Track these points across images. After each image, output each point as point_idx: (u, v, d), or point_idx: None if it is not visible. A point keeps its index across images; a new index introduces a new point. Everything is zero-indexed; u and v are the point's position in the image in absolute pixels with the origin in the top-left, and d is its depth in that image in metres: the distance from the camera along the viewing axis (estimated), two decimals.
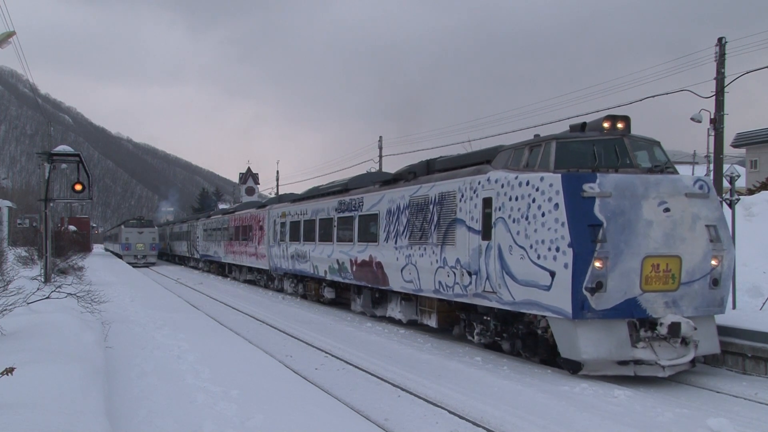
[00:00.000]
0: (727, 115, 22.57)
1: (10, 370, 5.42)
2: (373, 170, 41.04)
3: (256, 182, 72.07)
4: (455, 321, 14.27)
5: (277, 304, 22.75)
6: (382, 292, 16.96)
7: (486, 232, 11.80)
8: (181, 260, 55.16)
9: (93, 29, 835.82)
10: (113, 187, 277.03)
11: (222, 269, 38.81)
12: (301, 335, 15.07)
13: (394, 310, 16.24)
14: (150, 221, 59.34)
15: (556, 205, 10.10)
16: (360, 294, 18.46)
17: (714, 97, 22.40)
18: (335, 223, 19.38)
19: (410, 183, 15.13)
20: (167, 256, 62.59)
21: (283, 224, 24.82)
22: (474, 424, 7.89)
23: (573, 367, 10.26)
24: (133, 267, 46.10)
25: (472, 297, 12.25)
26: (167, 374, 9.38)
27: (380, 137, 42.08)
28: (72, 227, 52.10)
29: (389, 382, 10.17)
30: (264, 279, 29.70)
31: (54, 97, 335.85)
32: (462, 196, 12.68)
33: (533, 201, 10.60)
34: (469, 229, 12.32)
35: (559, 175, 10.24)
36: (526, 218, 10.68)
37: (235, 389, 8.46)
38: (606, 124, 10.97)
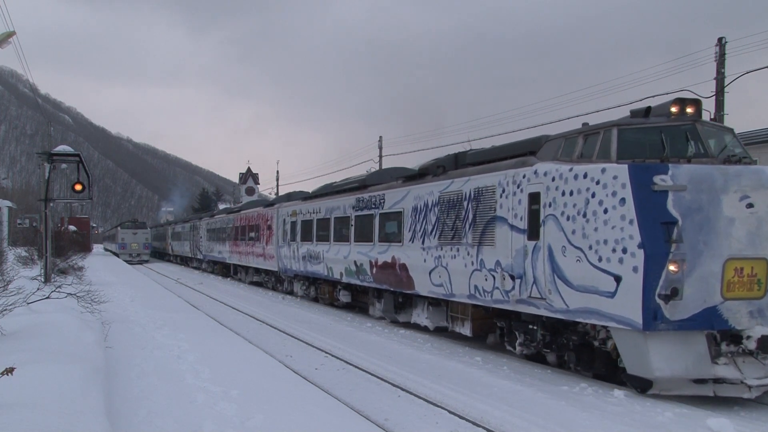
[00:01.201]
0: (727, 115, 22.56)
1: (10, 370, 5.43)
2: (373, 170, 41.07)
3: (256, 182, 72.04)
4: (490, 329, 13.09)
5: (277, 304, 22.73)
6: (406, 296, 15.65)
7: (533, 232, 10.61)
8: (183, 261, 53.94)
9: (93, 29, 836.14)
10: (113, 187, 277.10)
11: (227, 270, 37.86)
12: (301, 335, 15.06)
13: (420, 316, 15.01)
14: (143, 223, 65.34)
15: (623, 200, 8.94)
16: (380, 298, 17.16)
17: (714, 97, 22.41)
18: (353, 222, 18.09)
19: (439, 178, 13.84)
20: (169, 256, 61.15)
21: (293, 223, 23.44)
22: (474, 424, 7.89)
23: (641, 385, 9.13)
24: (129, 264, 51.91)
25: (516, 303, 11.06)
26: (167, 374, 9.38)
27: (380, 137, 42.02)
28: (72, 227, 52.18)
29: (389, 382, 10.17)
30: (272, 281, 28.48)
31: (54, 97, 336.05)
32: (503, 191, 11.41)
33: (592, 196, 9.41)
34: (512, 227, 11.11)
35: (626, 165, 9.03)
36: (584, 215, 9.52)
37: (235, 389, 8.47)
38: (674, 109, 9.71)
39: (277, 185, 63.61)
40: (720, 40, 22.05)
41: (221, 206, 68.21)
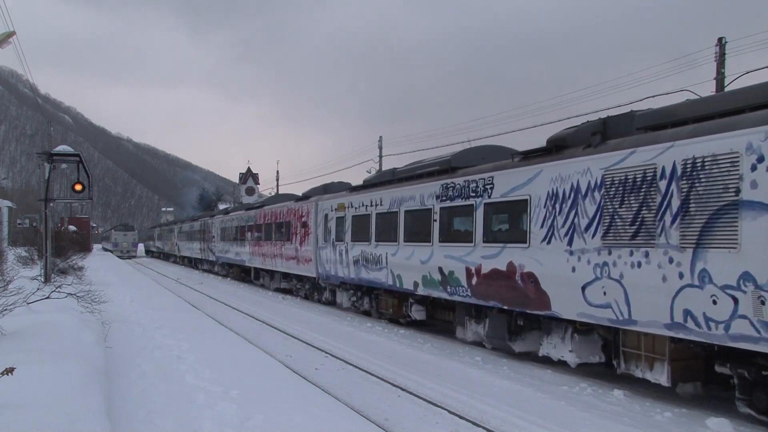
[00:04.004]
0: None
1: (10, 370, 5.43)
2: (373, 170, 41.02)
3: (256, 182, 72.00)
4: (695, 375, 9.10)
5: (277, 304, 22.71)
6: (530, 317, 11.50)
7: None
8: (191, 262, 50.11)
9: (94, 30, 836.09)
10: (113, 187, 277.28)
11: (245, 274, 33.56)
12: (300, 335, 15.07)
13: (558, 347, 10.84)
14: (132, 226, 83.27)
15: None
16: (482, 318, 12.96)
17: None
18: (436, 216, 14.07)
19: (598, 150, 9.92)
20: (175, 258, 57.98)
21: (340, 219, 19.45)
22: (474, 424, 7.90)
23: None
24: (120, 258, 63.46)
25: None
26: (167, 374, 9.40)
27: (380, 137, 41.99)
28: (72, 227, 52.18)
29: (389, 382, 10.17)
30: (306, 288, 23.93)
31: (54, 97, 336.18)
32: (759, 159, 7.48)
33: None
34: None
35: None
36: None
37: (235, 389, 8.48)
38: None
39: (277, 185, 63.64)
40: (720, 40, 22.07)
41: (221, 206, 68.11)
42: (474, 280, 12.62)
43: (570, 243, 10.23)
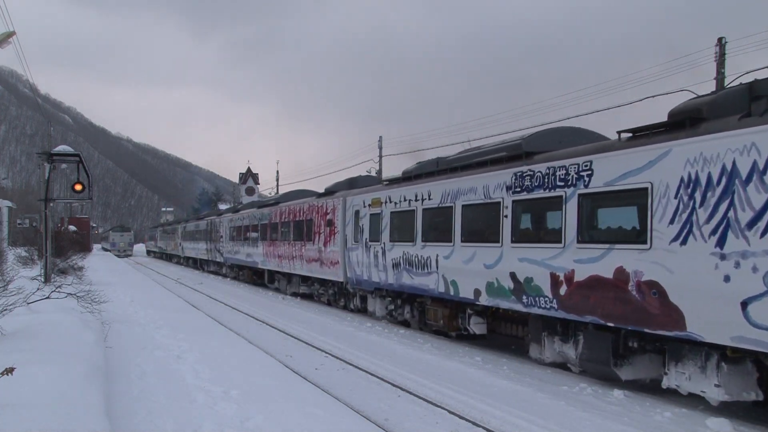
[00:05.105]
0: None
1: (10, 370, 5.43)
2: (373, 170, 41.02)
3: (256, 182, 72.02)
4: None
5: (277, 304, 22.69)
6: (648, 338, 9.16)
7: None
8: (196, 263, 48.08)
9: (93, 29, 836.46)
10: (113, 187, 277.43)
11: (257, 277, 31.33)
12: (300, 335, 15.07)
13: (696, 379, 8.34)
14: (129, 227, 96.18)
15: None
16: (570, 336, 10.57)
17: None
18: (507, 212, 11.84)
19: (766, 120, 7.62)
20: (179, 258, 56.13)
21: (375, 217, 17.21)
22: (474, 424, 7.90)
23: None
24: (118, 257, 68.29)
25: None
26: (167, 374, 9.41)
27: (380, 137, 42.01)
28: (72, 227, 52.24)
29: (389, 382, 10.17)
30: (330, 294, 21.72)
31: (54, 97, 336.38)
32: None
33: None
34: None
35: None
36: None
37: (235, 389, 8.49)
38: None
39: (277, 185, 63.68)
40: (720, 40, 22.08)
41: (221, 206, 68.09)
42: (562, 289, 10.30)
43: (721, 244, 7.87)
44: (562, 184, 10.46)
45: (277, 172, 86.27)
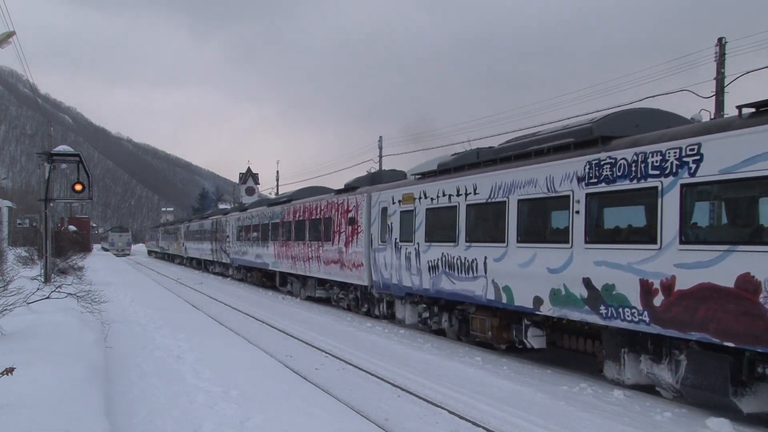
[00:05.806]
0: (727, 116, 22.54)
1: (10, 370, 5.44)
2: (373, 170, 40.95)
3: (256, 182, 72.01)
4: None
5: (277, 304, 22.66)
6: None
7: None
8: (199, 264, 46.51)
9: (93, 29, 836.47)
10: (113, 187, 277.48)
11: (267, 279, 29.62)
12: (300, 335, 15.06)
13: None
14: (127, 228, 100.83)
15: None
16: (665, 355, 8.89)
17: (714, 97, 22.42)
18: (579, 207, 10.02)
19: None
20: (181, 259, 54.69)
21: (406, 214, 15.53)
22: (474, 424, 7.90)
23: None
24: (117, 257, 71.52)
25: None
26: (167, 374, 9.41)
27: (380, 137, 41.97)
28: (72, 227, 52.26)
29: (389, 382, 10.17)
30: (351, 298, 19.87)
31: (54, 97, 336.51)
32: None
33: None
34: None
35: None
36: None
37: (235, 389, 8.49)
38: None
39: (277, 185, 63.66)
40: (720, 40, 22.08)
41: (221, 206, 68.01)
42: (657, 299, 8.60)
43: None
44: (657, 173, 8.74)
45: (278, 172, 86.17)
